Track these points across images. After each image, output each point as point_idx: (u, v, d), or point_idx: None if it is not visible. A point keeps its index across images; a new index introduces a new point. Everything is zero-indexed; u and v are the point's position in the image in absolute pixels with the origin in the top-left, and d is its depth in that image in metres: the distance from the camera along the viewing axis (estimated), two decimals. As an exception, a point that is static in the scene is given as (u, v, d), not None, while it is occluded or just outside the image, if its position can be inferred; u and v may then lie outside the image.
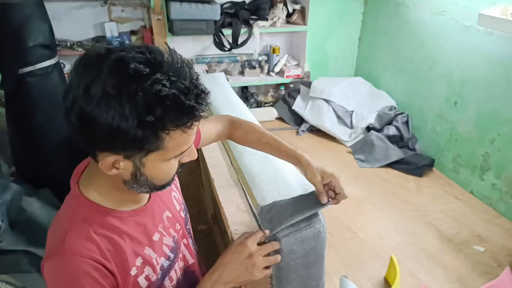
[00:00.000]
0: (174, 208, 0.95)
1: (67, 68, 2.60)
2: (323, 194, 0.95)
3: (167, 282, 0.88)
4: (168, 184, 0.79)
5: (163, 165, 0.72)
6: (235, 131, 1.11)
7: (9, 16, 1.81)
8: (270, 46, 3.18)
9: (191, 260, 1.01)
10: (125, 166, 0.69)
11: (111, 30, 2.71)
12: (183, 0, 2.47)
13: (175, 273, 0.92)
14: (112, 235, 0.75)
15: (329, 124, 2.73)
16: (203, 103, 0.65)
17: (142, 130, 0.62)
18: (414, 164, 2.33)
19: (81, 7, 2.65)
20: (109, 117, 0.60)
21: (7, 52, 1.89)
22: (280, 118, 3.08)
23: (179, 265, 0.94)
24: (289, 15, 3.01)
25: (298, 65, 3.21)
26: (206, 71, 2.96)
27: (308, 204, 1.00)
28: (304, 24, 3.01)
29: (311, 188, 1.07)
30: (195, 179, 2.13)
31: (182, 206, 1.01)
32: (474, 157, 2.18)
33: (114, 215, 0.77)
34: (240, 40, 2.82)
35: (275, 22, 2.96)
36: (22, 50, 1.87)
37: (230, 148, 1.42)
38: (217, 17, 2.62)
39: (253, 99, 3.26)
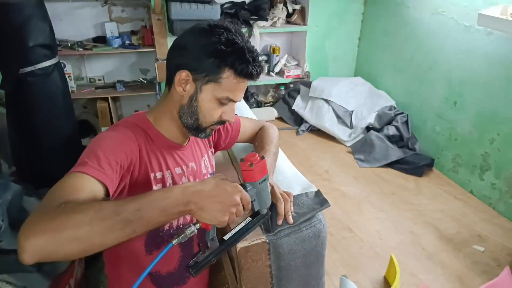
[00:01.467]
0: (200, 167, 1.09)
1: (68, 68, 2.60)
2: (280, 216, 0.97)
3: None
4: (204, 130, 0.97)
5: (212, 101, 0.92)
6: (258, 136, 1.26)
7: (9, 16, 1.82)
8: (270, 46, 3.18)
9: (194, 219, 1.06)
10: (189, 88, 0.91)
11: (112, 30, 2.71)
12: (183, 0, 2.47)
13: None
14: (151, 144, 0.95)
15: (329, 124, 2.73)
16: (256, 68, 0.89)
17: (212, 58, 0.86)
18: (414, 164, 2.33)
19: (81, 7, 2.65)
20: (195, 43, 0.88)
21: (7, 52, 1.90)
22: (280, 118, 3.08)
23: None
24: (289, 15, 3.01)
25: (298, 65, 3.21)
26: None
27: (308, 205, 1.00)
28: (304, 24, 3.01)
29: (311, 188, 1.07)
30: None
31: (208, 175, 1.13)
32: (473, 157, 2.18)
33: (159, 136, 0.97)
34: (240, 40, 2.83)
35: (275, 22, 2.96)
36: (22, 50, 1.88)
37: (230, 148, 1.42)
38: (217, 17, 2.62)
39: (253, 99, 3.26)
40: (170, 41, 2.70)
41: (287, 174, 1.16)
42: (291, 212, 0.97)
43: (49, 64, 2.01)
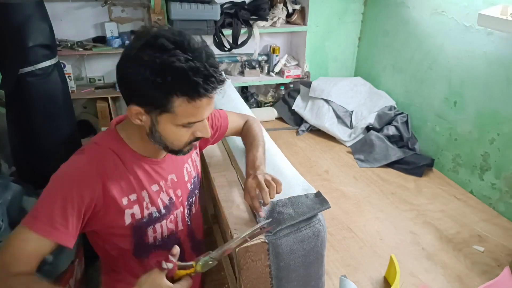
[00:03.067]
0: (181, 176, 1.07)
1: (68, 68, 2.60)
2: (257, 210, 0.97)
3: (150, 231, 1.01)
4: (180, 151, 0.93)
5: (173, 129, 0.86)
6: (244, 131, 1.26)
7: (9, 16, 1.81)
8: (270, 46, 3.18)
9: (180, 227, 1.12)
10: (145, 119, 0.86)
11: (111, 30, 2.71)
12: (183, 0, 2.47)
13: (161, 228, 1.03)
14: (121, 168, 0.92)
15: (329, 124, 2.73)
16: (211, 85, 0.80)
17: (154, 90, 0.79)
18: (414, 164, 2.33)
19: (81, 7, 2.65)
20: (137, 76, 0.79)
21: (7, 52, 1.89)
22: (280, 118, 3.08)
23: (167, 224, 1.05)
24: (289, 15, 3.01)
25: (298, 65, 3.21)
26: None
27: (308, 205, 1.00)
28: (304, 24, 3.01)
29: (311, 189, 1.07)
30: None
31: (192, 180, 1.12)
32: (473, 157, 2.18)
33: (131, 153, 0.94)
34: (240, 40, 2.83)
35: (275, 22, 2.96)
36: (22, 50, 1.87)
37: (230, 148, 1.42)
38: (217, 17, 2.63)
39: (253, 99, 3.26)
40: (170, 41, 2.70)
41: (287, 175, 1.16)
42: (289, 212, 0.97)
43: (49, 64, 2.01)
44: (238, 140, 1.38)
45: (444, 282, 1.52)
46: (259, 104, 3.28)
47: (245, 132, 1.24)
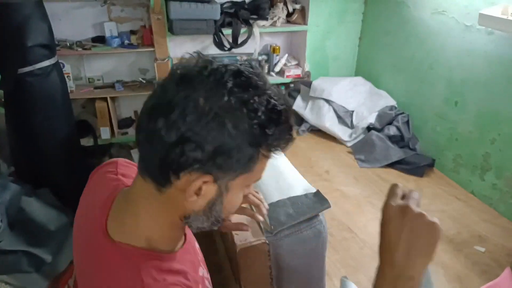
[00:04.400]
0: (195, 251, 0.81)
1: (66, 67, 2.59)
2: (240, 225, 0.87)
3: None
4: (224, 219, 0.67)
5: (240, 192, 0.61)
6: None
7: (8, 16, 1.81)
8: (270, 46, 3.17)
9: None
10: (207, 190, 0.56)
11: (111, 30, 2.70)
12: (183, 0, 2.46)
13: None
14: (173, 276, 0.61)
15: (330, 124, 2.72)
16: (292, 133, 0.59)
17: (252, 148, 0.53)
18: (415, 164, 2.33)
19: (80, 7, 2.64)
20: (222, 134, 0.51)
21: (6, 52, 1.89)
22: (280, 118, 3.08)
23: None
24: (289, 14, 3.00)
25: (298, 64, 3.21)
26: (206, 71, 2.95)
27: (308, 205, 1.00)
28: (304, 23, 3.00)
29: (312, 189, 1.07)
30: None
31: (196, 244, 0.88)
32: (474, 157, 2.17)
33: (171, 258, 0.63)
34: (240, 40, 2.82)
35: (275, 22, 2.95)
36: (21, 50, 1.87)
37: None
38: (217, 16, 2.62)
39: (253, 99, 3.25)
40: (169, 40, 2.69)
41: (288, 175, 1.16)
42: (289, 212, 0.97)
43: (48, 64, 2.01)
44: None
45: (444, 283, 1.51)
46: (259, 104, 3.27)
47: None
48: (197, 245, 0.81)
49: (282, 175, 1.14)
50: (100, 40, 2.72)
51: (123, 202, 0.63)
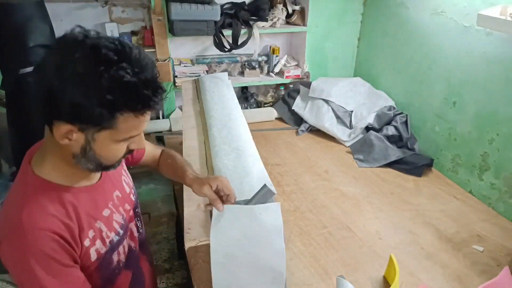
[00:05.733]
0: (123, 189, 1.05)
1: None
2: (216, 200, 1.01)
3: (115, 257, 0.97)
4: (113, 166, 0.87)
5: (111, 145, 0.79)
6: (166, 156, 1.25)
7: (10, 16, 1.83)
8: (270, 47, 3.19)
9: (135, 239, 1.12)
10: (77, 138, 0.76)
11: (112, 31, 2.72)
12: (183, 1, 2.48)
13: (123, 249, 1.01)
14: (66, 208, 0.82)
15: (329, 124, 2.73)
16: (158, 97, 0.76)
17: (100, 108, 0.70)
18: (413, 164, 2.34)
19: (82, 8, 2.66)
20: (75, 93, 0.69)
21: (8, 52, 1.91)
22: (280, 118, 3.08)
23: (127, 242, 1.04)
24: (288, 16, 3.02)
25: (297, 65, 3.22)
26: (206, 71, 2.97)
27: (257, 199, 1.06)
28: (304, 25, 3.02)
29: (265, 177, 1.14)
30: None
31: (133, 190, 1.11)
32: (473, 157, 2.18)
33: (67, 191, 0.84)
34: (240, 41, 2.83)
35: (274, 23, 2.97)
36: (23, 50, 1.89)
37: (209, 147, 1.44)
38: (217, 17, 2.63)
39: (253, 99, 3.27)
40: (170, 41, 2.71)
41: (254, 174, 1.22)
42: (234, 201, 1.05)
43: (49, 64, 2.02)
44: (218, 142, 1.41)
45: (443, 282, 1.52)
46: (259, 104, 3.29)
47: (167, 158, 1.23)
48: (118, 193, 1.01)
49: (249, 174, 1.21)
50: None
51: (45, 143, 0.85)
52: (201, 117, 1.95)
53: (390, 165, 2.40)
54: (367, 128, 2.67)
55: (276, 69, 3.16)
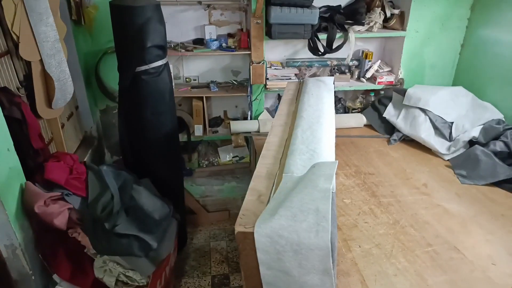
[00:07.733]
0: None
1: (171, 68, 2.76)
2: None
3: None
4: None
5: None
6: None
7: (133, 18, 1.97)
8: (362, 51, 3.09)
9: None
10: None
11: (210, 33, 2.83)
12: (283, 4, 2.50)
13: None
14: None
15: (425, 135, 2.57)
16: None
17: None
18: (526, 185, 2.11)
19: (185, 11, 2.80)
20: None
21: (128, 51, 2.07)
22: (369, 125, 2.98)
23: None
24: (386, 20, 2.91)
25: (391, 71, 3.09)
26: (296, 74, 2.97)
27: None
28: (403, 29, 2.88)
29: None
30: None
31: None
32: None
33: None
34: (334, 45, 2.79)
35: (371, 27, 2.87)
36: (141, 50, 2.03)
37: (289, 145, 1.45)
38: (315, 21, 2.61)
39: (340, 104, 3.20)
40: (266, 44, 2.74)
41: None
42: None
43: (161, 63, 2.15)
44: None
45: None
46: (346, 110, 3.21)
47: None
48: None
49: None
50: (199, 42, 2.86)
51: None
52: (293, 116, 1.95)
53: (498, 184, 2.18)
54: (471, 142, 2.47)
55: (368, 74, 3.05)
